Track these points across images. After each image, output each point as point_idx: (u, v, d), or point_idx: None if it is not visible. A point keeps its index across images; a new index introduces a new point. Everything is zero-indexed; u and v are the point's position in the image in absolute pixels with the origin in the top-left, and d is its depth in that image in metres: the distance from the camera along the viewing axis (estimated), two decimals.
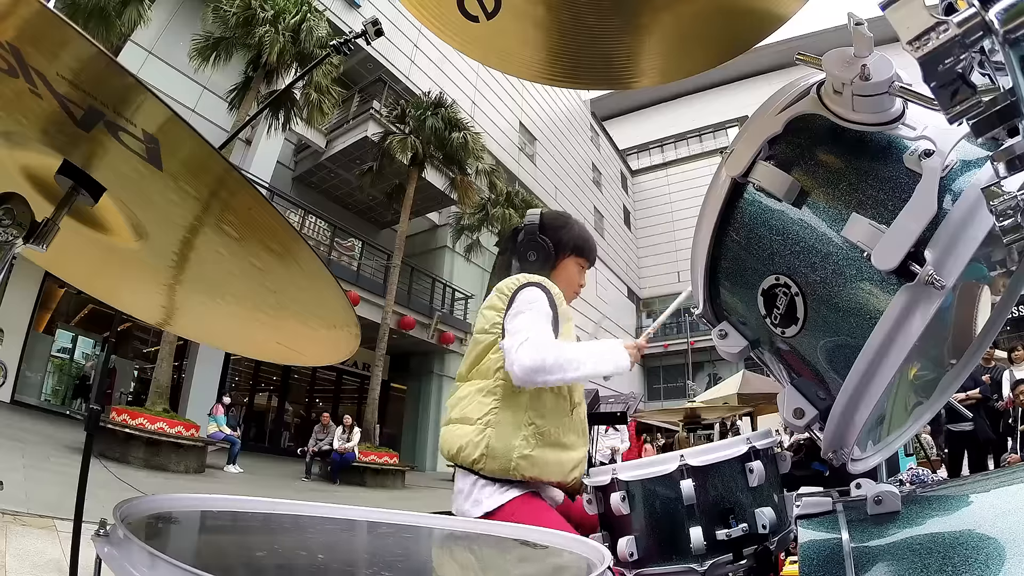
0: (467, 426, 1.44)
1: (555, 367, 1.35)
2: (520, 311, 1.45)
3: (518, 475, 1.37)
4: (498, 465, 1.38)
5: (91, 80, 0.49)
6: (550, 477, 1.40)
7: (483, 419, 1.43)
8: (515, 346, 1.37)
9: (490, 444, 1.39)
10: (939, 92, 0.50)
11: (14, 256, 0.64)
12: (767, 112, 0.81)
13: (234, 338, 1.05)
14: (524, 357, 1.34)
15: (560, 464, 1.42)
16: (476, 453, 1.40)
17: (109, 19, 9.29)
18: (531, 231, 1.63)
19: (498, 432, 1.41)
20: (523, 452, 1.38)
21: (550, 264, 1.63)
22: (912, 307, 0.65)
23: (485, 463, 1.39)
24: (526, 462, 1.38)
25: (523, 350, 1.35)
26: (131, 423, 7.82)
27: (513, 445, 1.39)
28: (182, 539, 0.77)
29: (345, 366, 16.31)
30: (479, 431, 1.42)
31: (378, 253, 15.81)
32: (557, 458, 1.42)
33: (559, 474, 1.42)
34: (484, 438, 1.40)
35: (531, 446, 1.39)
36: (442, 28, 1.12)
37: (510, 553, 0.87)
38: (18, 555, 2.99)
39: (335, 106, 13.07)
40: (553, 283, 1.59)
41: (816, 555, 0.74)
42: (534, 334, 1.38)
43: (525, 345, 1.36)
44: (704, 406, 8.48)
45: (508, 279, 1.54)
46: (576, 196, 25.45)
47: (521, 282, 1.50)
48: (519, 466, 1.37)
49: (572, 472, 1.44)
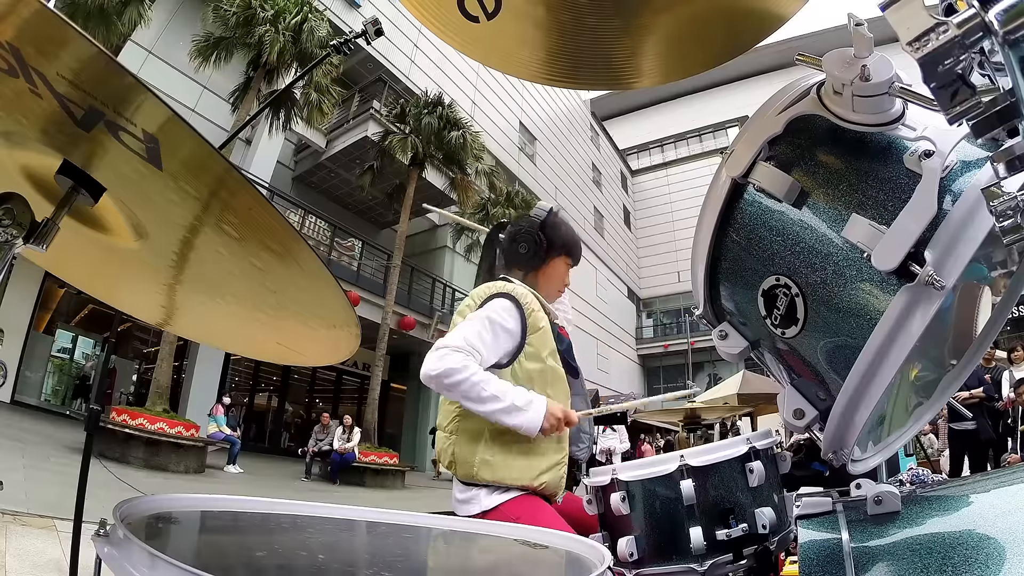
0: (442, 433, 1.47)
1: (454, 385, 1.32)
2: (470, 317, 1.43)
3: (480, 480, 1.38)
4: (464, 471, 1.40)
5: (91, 80, 0.49)
6: (513, 482, 1.39)
7: (449, 426, 1.45)
8: (434, 347, 1.37)
9: (455, 451, 1.42)
10: (939, 93, 0.50)
11: (14, 256, 0.64)
12: (767, 112, 0.81)
13: (234, 338, 1.05)
14: (432, 361, 1.33)
15: (527, 469, 1.40)
16: (447, 460, 1.43)
17: (109, 19, 9.30)
18: (533, 225, 1.62)
19: (460, 439, 1.42)
20: (483, 457, 1.38)
21: (539, 260, 1.62)
22: (912, 307, 0.65)
23: (456, 469, 1.41)
24: (486, 467, 1.38)
25: (435, 354, 1.35)
26: (131, 423, 7.82)
27: (473, 450, 1.39)
28: (182, 539, 0.77)
29: (345, 366, 16.31)
30: (447, 438, 1.44)
31: (378, 253, 15.81)
32: (521, 464, 1.40)
33: (525, 479, 1.40)
34: (451, 444, 1.43)
35: (492, 451, 1.39)
36: (442, 28, 1.12)
37: (510, 553, 0.87)
38: (18, 555, 2.99)
39: (335, 106, 13.09)
40: (535, 283, 1.59)
41: (816, 555, 0.74)
42: (460, 343, 1.35)
43: (441, 352, 1.34)
44: (704, 406, 8.47)
45: (483, 286, 1.53)
46: (576, 196, 25.46)
47: (492, 291, 1.49)
48: (480, 471, 1.38)
49: (541, 477, 1.41)
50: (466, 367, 1.32)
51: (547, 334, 1.50)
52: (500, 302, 1.45)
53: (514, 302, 1.45)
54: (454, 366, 1.32)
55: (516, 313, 1.44)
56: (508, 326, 1.43)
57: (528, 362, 1.46)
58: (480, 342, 1.38)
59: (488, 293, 1.49)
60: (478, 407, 1.34)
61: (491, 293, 1.48)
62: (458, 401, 1.38)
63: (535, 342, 1.47)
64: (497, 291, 1.48)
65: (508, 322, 1.43)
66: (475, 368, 1.34)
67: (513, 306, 1.45)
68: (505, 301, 1.45)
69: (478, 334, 1.39)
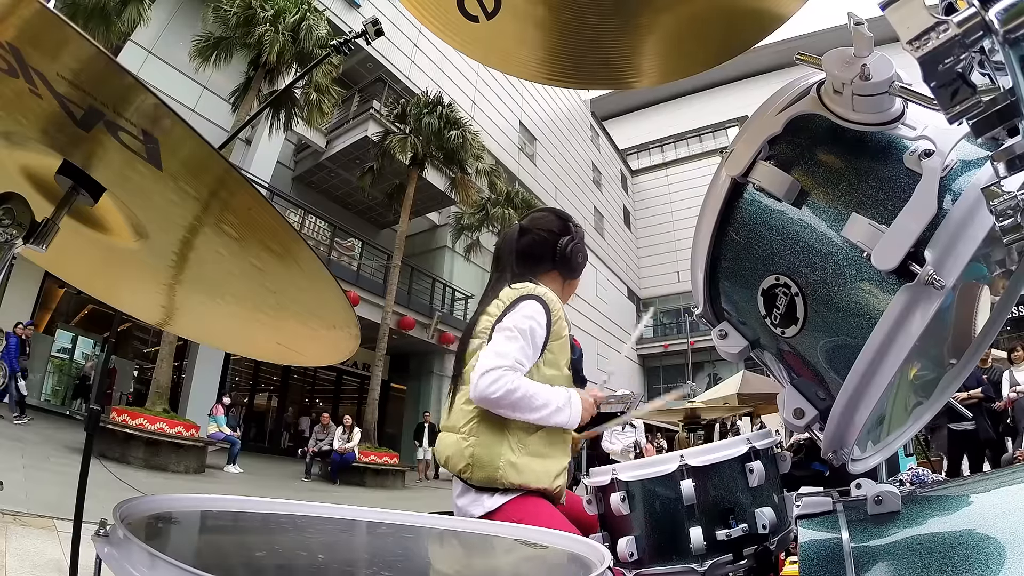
0: (453, 435, 1.45)
1: (513, 404, 1.35)
2: (507, 327, 1.42)
3: (505, 483, 1.36)
4: (485, 474, 1.38)
5: (91, 80, 0.49)
6: (537, 484, 1.39)
7: (466, 428, 1.43)
8: (484, 367, 1.36)
9: (475, 453, 1.39)
10: (939, 92, 0.50)
11: (14, 256, 0.64)
12: (767, 112, 0.81)
13: (234, 338, 1.05)
14: (488, 384, 1.33)
15: (546, 472, 1.41)
16: (462, 463, 1.40)
17: (109, 19, 9.30)
18: (578, 235, 1.64)
19: (482, 440, 1.40)
20: (509, 459, 1.37)
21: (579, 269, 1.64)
22: (912, 307, 0.65)
23: (472, 472, 1.39)
24: (513, 469, 1.37)
25: (488, 377, 1.34)
26: (131, 423, 7.83)
27: (498, 452, 1.38)
28: (182, 539, 0.77)
29: (345, 366, 16.32)
30: (463, 440, 1.42)
31: (378, 253, 15.81)
32: (542, 466, 1.41)
33: (544, 481, 1.40)
34: (469, 447, 1.40)
35: (517, 454, 1.38)
36: (442, 28, 1.12)
37: (510, 553, 0.87)
38: (18, 555, 2.99)
39: (335, 106, 13.09)
40: (570, 291, 1.62)
41: (816, 555, 0.74)
42: (510, 362, 1.36)
43: (495, 374, 1.34)
44: (704, 406, 8.47)
45: (508, 291, 1.52)
46: (576, 196, 25.45)
47: (523, 292, 1.48)
48: (506, 473, 1.36)
49: (556, 480, 1.43)
50: (519, 386, 1.35)
51: (567, 343, 1.51)
52: (534, 305, 1.45)
53: (544, 307, 1.46)
54: (510, 387, 1.33)
55: (544, 319, 1.45)
56: (541, 332, 1.44)
57: (547, 368, 1.46)
58: (524, 356, 1.40)
59: (519, 294, 1.48)
60: (530, 416, 1.37)
61: (523, 294, 1.48)
62: (509, 415, 1.38)
63: (556, 349, 1.47)
64: (528, 293, 1.48)
65: (540, 328, 1.44)
66: (525, 383, 1.37)
67: (543, 310, 1.45)
68: (537, 305, 1.46)
69: (522, 349, 1.40)
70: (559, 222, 1.65)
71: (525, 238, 1.63)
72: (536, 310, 1.45)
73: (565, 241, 1.61)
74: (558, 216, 1.68)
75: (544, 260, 1.61)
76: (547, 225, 1.64)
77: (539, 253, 1.61)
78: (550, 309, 1.46)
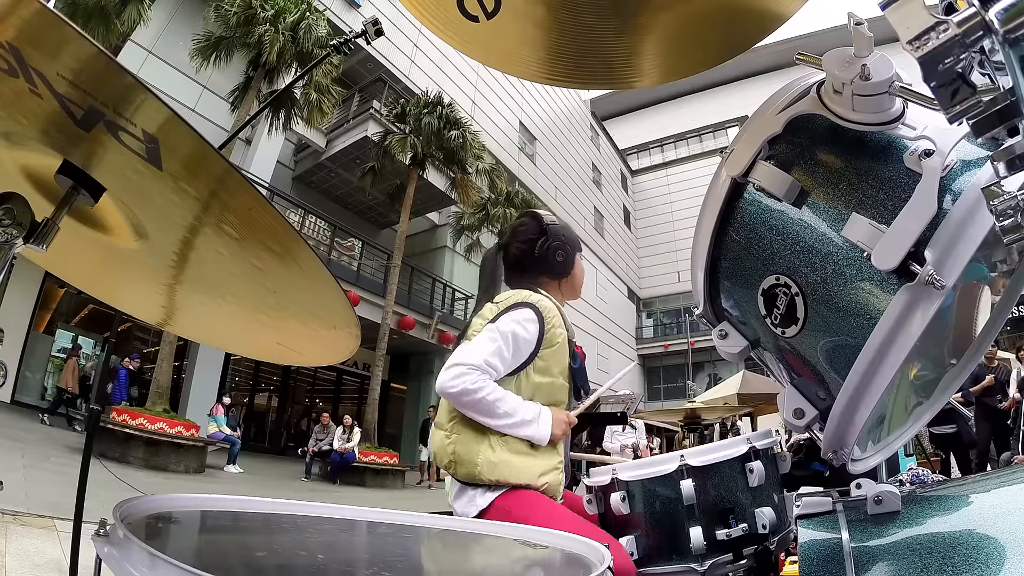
0: (440, 431, 1.47)
1: (470, 404, 1.36)
2: (491, 328, 1.43)
3: (484, 479, 1.37)
4: (465, 470, 1.39)
5: (91, 80, 0.49)
6: (517, 480, 1.38)
7: (449, 424, 1.44)
8: (449, 362, 1.38)
9: (456, 450, 1.41)
10: (939, 92, 0.50)
11: (14, 256, 0.64)
12: (767, 112, 0.81)
13: (234, 338, 1.05)
14: (448, 379, 1.35)
15: (526, 469, 1.40)
16: (446, 459, 1.42)
17: (109, 19, 9.30)
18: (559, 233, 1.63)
19: (462, 438, 1.41)
20: (488, 457, 1.38)
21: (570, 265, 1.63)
22: (912, 307, 0.65)
23: (456, 469, 1.40)
24: (490, 467, 1.37)
25: (450, 372, 1.36)
26: (131, 423, 7.82)
27: (477, 450, 1.39)
28: (182, 539, 0.77)
29: (345, 366, 16.31)
30: (446, 437, 1.44)
31: (378, 253, 15.80)
32: (522, 463, 1.40)
33: (525, 478, 1.39)
34: (451, 444, 1.42)
35: (496, 451, 1.38)
36: (442, 28, 1.12)
37: (510, 553, 0.87)
38: (18, 555, 2.99)
39: (335, 106, 13.08)
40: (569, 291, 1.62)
41: (816, 555, 0.74)
42: (476, 361, 1.37)
43: (456, 370, 1.36)
44: (704, 406, 8.46)
45: (509, 293, 1.53)
46: (576, 196, 25.46)
47: (517, 299, 1.48)
48: (483, 470, 1.37)
49: (542, 478, 1.41)
50: (481, 388, 1.35)
51: (563, 350, 1.50)
52: (524, 312, 1.45)
53: (537, 314, 1.46)
54: (468, 387, 1.34)
55: (536, 326, 1.45)
56: (527, 337, 1.44)
57: (537, 375, 1.46)
58: (498, 359, 1.40)
59: (513, 300, 1.48)
60: (492, 422, 1.38)
61: (516, 301, 1.48)
62: (474, 415, 1.39)
63: (548, 357, 1.47)
64: (522, 300, 1.48)
65: (527, 333, 1.44)
66: (490, 387, 1.37)
67: (535, 317, 1.45)
68: (528, 311, 1.45)
69: (498, 351, 1.40)
70: (535, 225, 1.64)
71: (509, 254, 1.64)
72: (526, 316, 1.45)
73: (540, 243, 1.60)
74: (534, 219, 1.66)
75: (529, 269, 1.61)
76: (524, 235, 1.63)
77: (524, 263, 1.62)
78: (543, 316, 1.46)
